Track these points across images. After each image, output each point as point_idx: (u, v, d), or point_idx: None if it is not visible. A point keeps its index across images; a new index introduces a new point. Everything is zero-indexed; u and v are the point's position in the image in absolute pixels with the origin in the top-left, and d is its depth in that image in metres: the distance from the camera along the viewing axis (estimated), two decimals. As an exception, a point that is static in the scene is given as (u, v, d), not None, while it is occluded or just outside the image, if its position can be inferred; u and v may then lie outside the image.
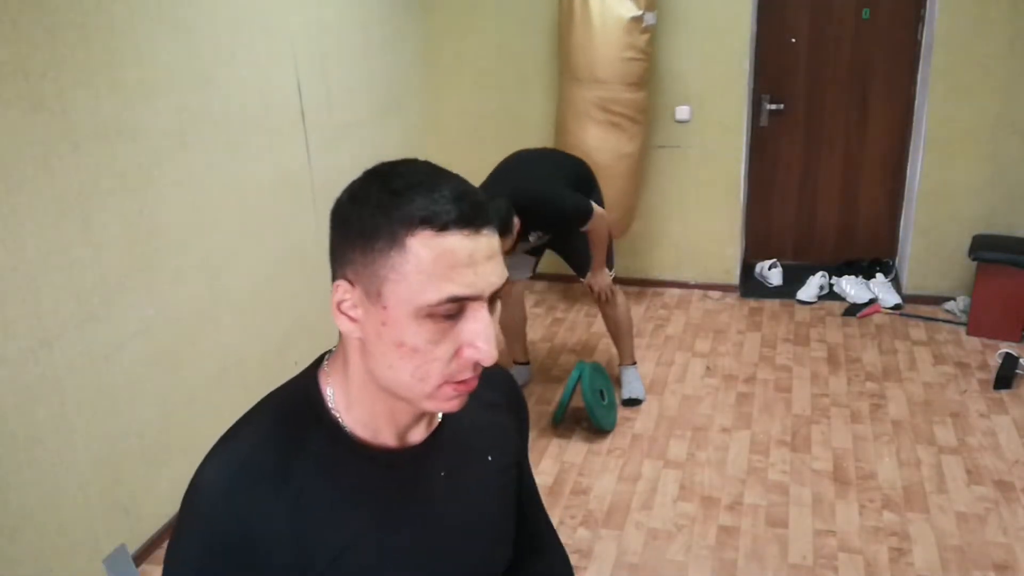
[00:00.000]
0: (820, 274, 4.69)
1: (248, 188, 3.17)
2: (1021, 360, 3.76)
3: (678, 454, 3.26)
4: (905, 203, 4.70)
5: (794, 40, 4.61)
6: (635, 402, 3.60)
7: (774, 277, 4.80)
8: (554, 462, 3.24)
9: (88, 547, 2.46)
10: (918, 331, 4.23)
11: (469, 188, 0.81)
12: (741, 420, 3.48)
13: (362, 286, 0.81)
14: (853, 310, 4.46)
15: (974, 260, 4.06)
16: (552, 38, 4.53)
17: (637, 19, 3.98)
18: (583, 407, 3.38)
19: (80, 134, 2.35)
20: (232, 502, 0.82)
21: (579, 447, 3.33)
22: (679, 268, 4.83)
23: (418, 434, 0.93)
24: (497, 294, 0.84)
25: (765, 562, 2.67)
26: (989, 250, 4.04)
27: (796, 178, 4.88)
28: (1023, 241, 4.12)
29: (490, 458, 1.00)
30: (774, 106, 4.73)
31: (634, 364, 3.71)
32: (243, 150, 3.12)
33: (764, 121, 4.76)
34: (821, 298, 4.64)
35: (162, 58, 2.66)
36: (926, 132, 4.28)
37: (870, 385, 3.73)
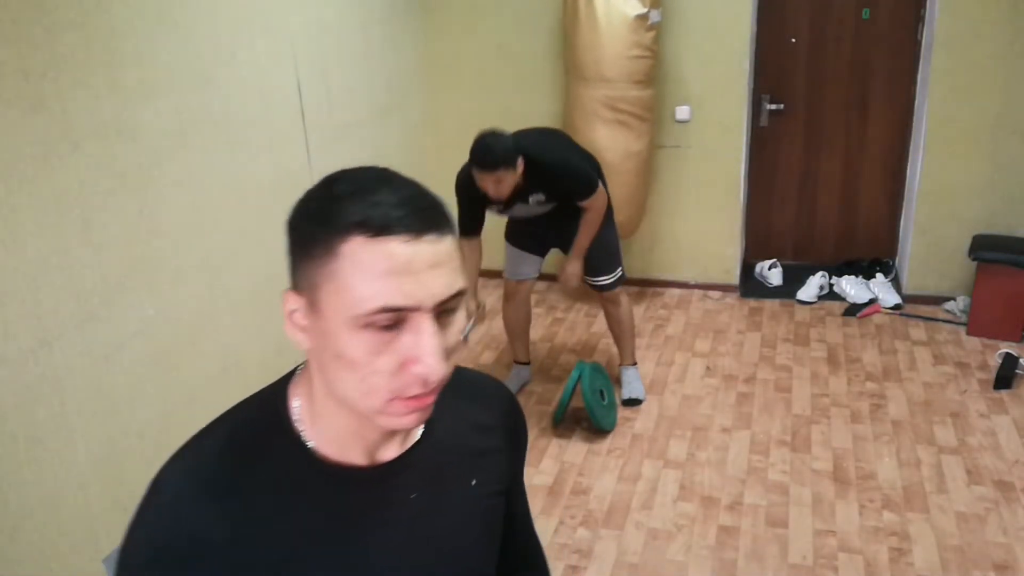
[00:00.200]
0: (820, 274, 4.69)
1: (248, 188, 3.17)
2: (1021, 360, 3.76)
3: (678, 454, 3.26)
4: (905, 203, 4.70)
5: (794, 40, 4.61)
6: (635, 402, 3.60)
7: (774, 277, 4.80)
8: (554, 462, 3.24)
9: (88, 547, 2.46)
10: (918, 331, 4.23)
11: (417, 193, 0.77)
12: (741, 420, 3.48)
13: (306, 296, 0.79)
14: (853, 310, 4.46)
15: (974, 260, 4.06)
16: (552, 38, 4.54)
17: (642, 17, 3.98)
18: (583, 407, 3.38)
19: (80, 134, 2.35)
20: (177, 511, 0.81)
21: (579, 447, 3.33)
22: (679, 268, 4.83)
23: (390, 452, 0.89)
24: (450, 306, 0.78)
25: (765, 562, 2.68)
26: (989, 250, 4.04)
27: (796, 178, 4.88)
28: (1023, 241, 4.12)
29: (474, 482, 0.95)
30: (774, 106, 4.73)
31: (634, 364, 3.71)
32: (243, 150, 3.12)
33: (764, 121, 4.76)
34: (821, 298, 4.64)
35: (162, 58, 2.66)
36: (926, 132, 4.28)
37: (870, 385, 3.73)
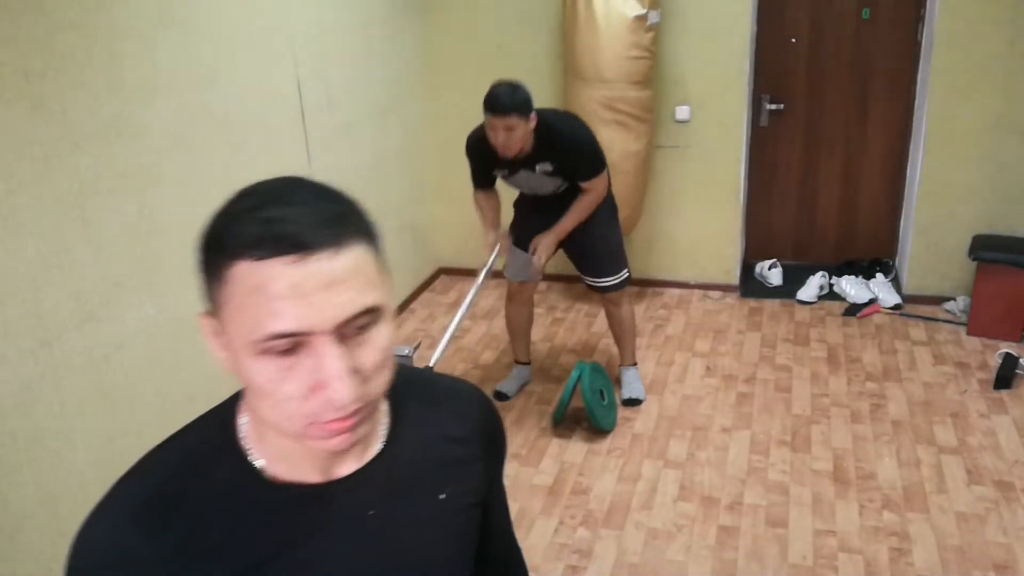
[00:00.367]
0: (820, 274, 4.69)
1: (248, 188, 3.16)
2: (1021, 360, 3.76)
3: (678, 454, 3.26)
4: (905, 203, 4.70)
5: (794, 40, 4.61)
6: (635, 402, 3.60)
7: (774, 277, 4.80)
8: (554, 462, 3.24)
9: (88, 547, 2.46)
10: (918, 331, 4.23)
11: (314, 208, 0.72)
12: (741, 420, 3.48)
13: (216, 319, 0.75)
14: (853, 310, 4.46)
15: (974, 260, 4.06)
16: (552, 38, 4.53)
17: (641, 17, 3.99)
18: (583, 407, 3.38)
19: (80, 134, 2.35)
20: (121, 530, 0.79)
21: (579, 447, 3.33)
22: (679, 268, 4.83)
23: (346, 467, 0.85)
24: (359, 323, 0.72)
25: (765, 562, 2.68)
26: (989, 250, 4.04)
27: (796, 178, 4.88)
28: (1023, 241, 4.12)
29: (443, 496, 0.90)
30: (774, 106, 4.73)
31: (635, 365, 3.71)
32: (243, 150, 3.12)
33: (764, 121, 4.76)
34: (821, 298, 4.63)
35: (162, 58, 2.66)
36: (926, 132, 4.27)
37: (870, 385, 3.73)
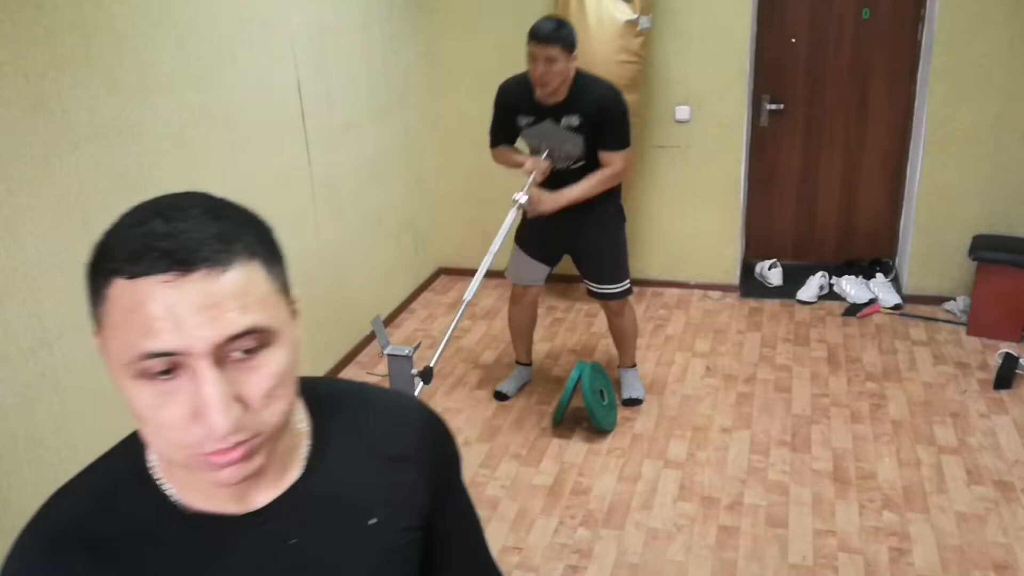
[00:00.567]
0: (820, 274, 4.69)
1: (248, 188, 3.16)
2: (1021, 360, 3.76)
3: (678, 454, 3.26)
4: (905, 203, 4.70)
5: (794, 40, 4.61)
6: (635, 402, 3.60)
7: (774, 277, 4.80)
8: (554, 462, 3.24)
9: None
10: (918, 331, 4.23)
11: (196, 226, 0.68)
12: (741, 420, 3.48)
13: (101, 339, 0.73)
14: (853, 310, 4.46)
15: (974, 260, 4.06)
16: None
17: (632, 23, 4.02)
18: (583, 407, 3.38)
19: (80, 134, 2.35)
20: (32, 567, 0.76)
21: (579, 447, 3.33)
22: (679, 268, 4.83)
23: (263, 495, 0.81)
24: (244, 346, 0.69)
25: (765, 562, 2.67)
26: (989, 250, 4.04)
27: (796, 178, 4.88)
28: (1023, 241, 4.12)
29: (373, 520, 0.86)
30: (774, 106, 4.73)
31: (634, 366, 3.71)
32: (243, 150, 3.12)
33: (764, 121, 4.76)
34: (821, 298, 4.63)
35: (162, 58, 2.66)
36: (926, 132, 4.27)
37: (870, 385, 3.73)
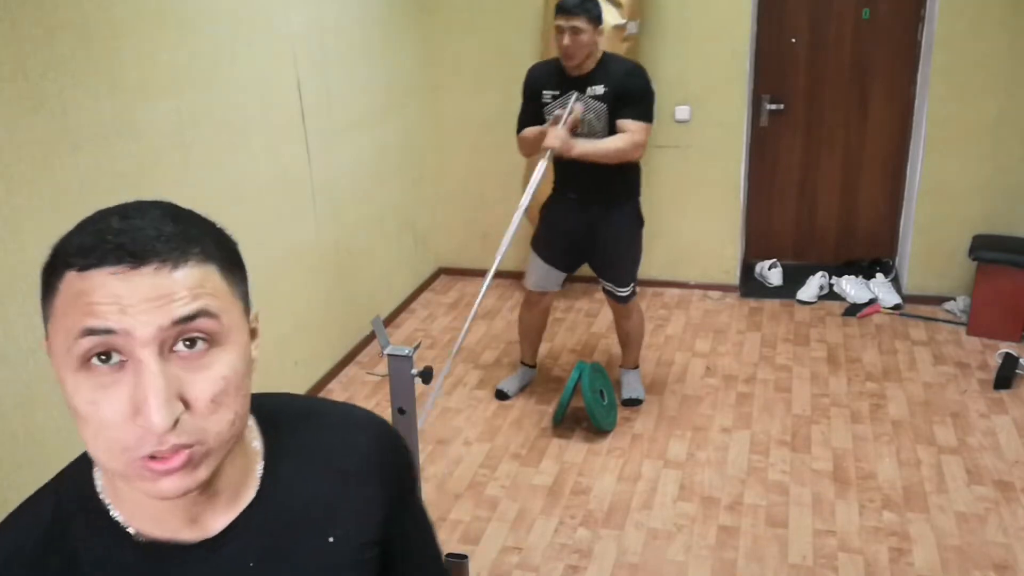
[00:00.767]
0: (820, 274, 4.69)
1: (248, 188, 3.17)
2: (1021, 360, 3.76)
3: (678, 454, 3.26)
4: (905, 203, 4.70)
5: (794, 40, 4.61)
6: (635, 402, 3.60)
7: (774, 277, 4.80)
8: (554, 462, 3.24)
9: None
10: (918, 331, 4.23)
11: (153, 224, 0.67)
12: (741, 420, 3.48)
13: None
14: (853, 310, 4.46)
15: (974, 260, 4.06)
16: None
17: (620, 27, 4.04)
18: (583, 407, 3.38)
19: (80, 134, 2.35)
20: None
21: (579, 447, 3.33)
22: (679, 268, 4.83)
23: (219, 519, 0.78)
24: (192, 333, 0.67)
25: (765, 562, 2.67)
26: (989, 250, 4.04)
27: (796, 178, 4.88)
28: (1023, 241, 4.12)
29: (331, 538, 0.84)
30: (774, 106, 4.73)
31: (636, 368, 3.71)
32: (243, 150, 3.12)
33: (764, 121, 4.76)
34: (821, 298, 4.63)
35: (162, 58, 2.66)
36: (926, 132, 4.27)
37: (870, 385, 3.73)
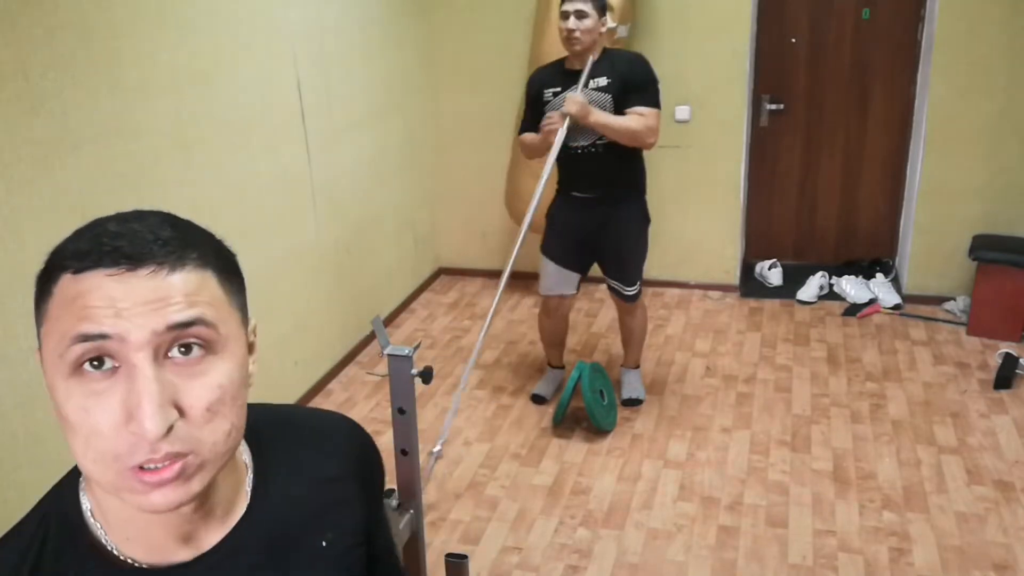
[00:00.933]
0: (820, 274, 4.69)
1: (248, 188, 3.17)
2: (1021, 360, 3.76)
3: (678, 454, 3.26)
4: (905, 203, 4.70)
5: (794, 40, 4.61)
6: (635, 402, 3.60)
7: (774, 277, 4.80)
8: (554, 462, 3.24)
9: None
10: (918, 331, 4.23)
11: (146, 228, 0.67)
12: (741, 420, 3.48)
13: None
14: (853, 310, 4.46)
15: (974, 260, 4.06)
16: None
17: (611, 30, 4.01)
18: (583, 407, 3.38)
19: (80, 134, 2.35)
20: None
21: (579, 447, 3.33)
22: (679, 268, 4.83)
23: (212, 536, 0.76)
24: (187, 339, 0.66)
25: (765, 562, 2.67)
26: (989, 250, 4.04)
27: (796, 178, 4.88)
28: (1023, 241, 4.12)
29: (324, 543, 0.84)
30: (774, 106, 4.73)
31: (637, 367, 3.71)
32: (243, 150, 3.12)
33: (764, 121, 4.76)
34: (821, 298, 4.63)
35: (162, 58, 2.66)
36: (926, 132, 4.27)
37: (870, 385, 3.73)
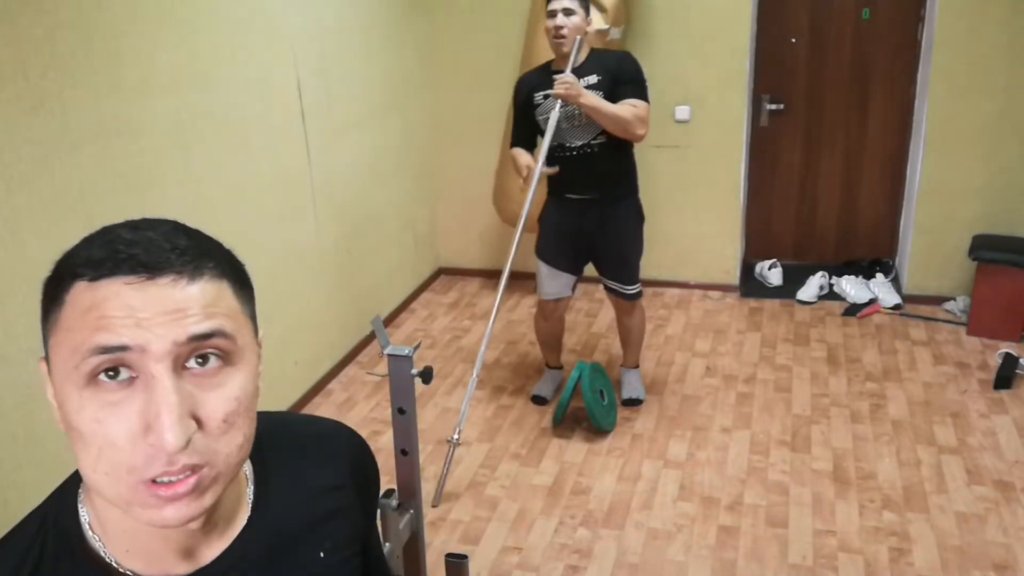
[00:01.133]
0: (820, 274, 4.69)
1: (248, 188, 3.17)
2: (1021, 360, 3.76)
3: (678, 454, 3.26)
4: (905, 203, 4.70)
5: (794, 40, 4.61)
6: (635, 402, 3.60)
7: (774, 277, 4.80)
8: (554, 462, 3.24)
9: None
10: (918, 331, 4.23)
11: (162, 236, 0.67)
12: (741, 420, 3.48)
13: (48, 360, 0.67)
14: (853, 310, 4.46)
15: (974, 260, 4.06)
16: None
17: (603, 32, 4.03)
18: (583, 407, 3.38)
19: (80, 134, 2.35)
20: None
21: (579, 447, 3.33)
22: (679, 268, 4.83)
23: (212, 548, 0.74)
24: (205, 349, 0.65)
25: (765, 562, 2.67)
26: (989, 250, 4.04)
27: (796, 178, 4.88)
28: (1023, 241, 4.12)
29: (322, 554, 0.83)
30: (774, 106, 4.73)
31: (637, 367, 3.71)
32: (243, 150, 3.12)
33: (764, 121, 4.76)
34: (821, 298, 4.63)
35: (162, 58, 2.66)
36: (926, 132, 4.27)
37: (870, 385, 3.73)
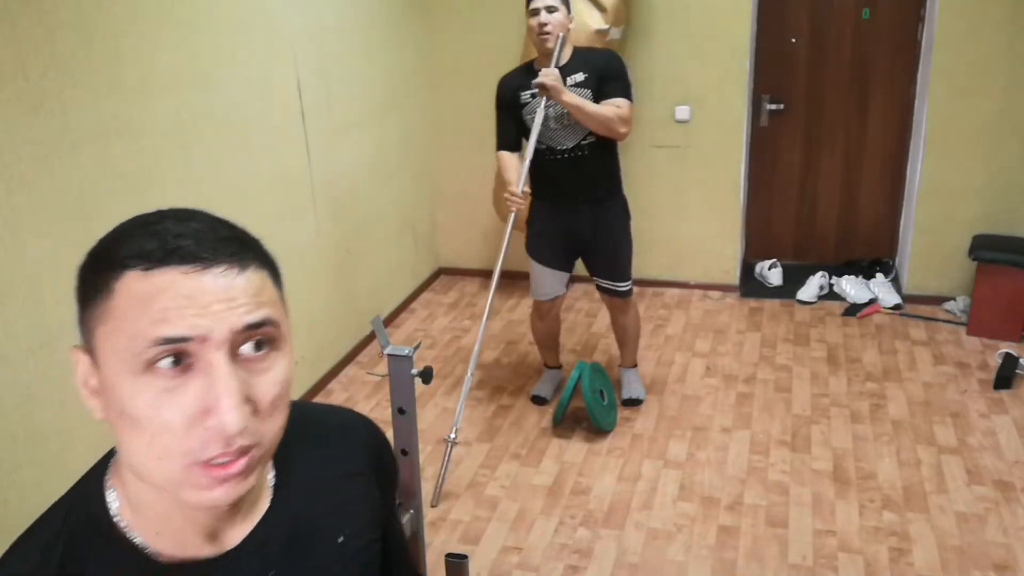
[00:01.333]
0: (820, 274, 4.69)
1: (248, 188, 3.17)
2: (1021, 360, 3.76)
3: (678, 454, 3.26)
4: (905, 203, 4.70)
5: (794, 40, 4.61)
6: (635, 402, 3.60)
7: (774, 277, 4.80)
8: (554, 462, 3.24)
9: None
10: (918, 331, 4.23)
11: (210, 227, 0.69)
12: (741, 420, 3.48)
13: (90, 349, 0.70)
14: (853, 310, 4.46)
15: (974, 260, 4.06)
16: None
17: (602, 32, 4.02)
18: (583, 407, 3.38)
19: (80, 134, 2.35)
20: None
21: (579, 447, 3.33)
22: (679, 268, 4.83)
23: (236, 532, 0.77)
24: (255, 337, 0.68)
25: (765, 562, 2.67)
26: (989, 250, 4.04)
27: (796, 178, 4.88)
28: (1023, 241, 4.12)
29: (341, 539, 0.85)
30: (774, 106, 4.73)
31: (635, 366, 3.71)
32: (243, 150, 3.12)
33: (764, 121, 4.76)
34: (821, 298, 4.63)
35: (162, 58, 2.66)
36: (926, 132, 4.27)
37: (870, 385, 3.73)
